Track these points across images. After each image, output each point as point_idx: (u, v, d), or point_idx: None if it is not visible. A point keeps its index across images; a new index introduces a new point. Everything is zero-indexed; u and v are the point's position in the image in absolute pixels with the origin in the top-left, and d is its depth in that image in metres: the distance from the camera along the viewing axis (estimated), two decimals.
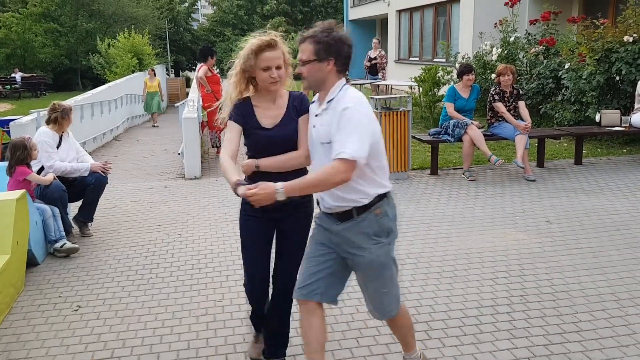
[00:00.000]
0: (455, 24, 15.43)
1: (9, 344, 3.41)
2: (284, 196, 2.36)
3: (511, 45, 10.96)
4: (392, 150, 7.03)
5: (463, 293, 3.92)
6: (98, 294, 4.09)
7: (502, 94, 7.20)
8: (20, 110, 17.59)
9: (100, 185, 5.45)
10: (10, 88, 27.01)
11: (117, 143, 11.65)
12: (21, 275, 4.25)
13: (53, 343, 3.40)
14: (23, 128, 7.43)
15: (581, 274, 4.18)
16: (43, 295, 4.10)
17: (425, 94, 11.43)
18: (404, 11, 19.18)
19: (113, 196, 6.75)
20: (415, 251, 4.73)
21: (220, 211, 6.01)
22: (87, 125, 10.63)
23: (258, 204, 2.39)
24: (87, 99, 11.53)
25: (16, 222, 4.15)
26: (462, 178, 7.13)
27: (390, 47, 20.13)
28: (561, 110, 9.17)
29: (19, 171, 4.80)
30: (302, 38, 2.52)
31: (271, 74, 2.64)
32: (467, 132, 6.98)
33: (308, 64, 2.48)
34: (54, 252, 4.84)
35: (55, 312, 3.82)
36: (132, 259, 4.74)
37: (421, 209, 5.91)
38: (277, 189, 2.35)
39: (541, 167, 7.59)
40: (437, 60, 15.06)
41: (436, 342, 3.28)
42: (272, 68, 2.64)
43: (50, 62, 32.06)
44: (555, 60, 9.62)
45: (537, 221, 5.41)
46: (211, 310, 3.75)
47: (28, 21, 31.40)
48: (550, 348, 3.17)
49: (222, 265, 4.53)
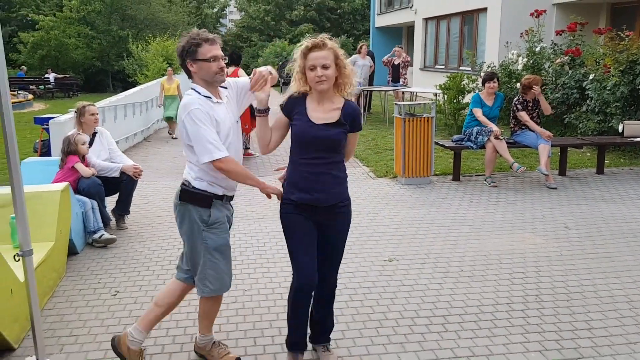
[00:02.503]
0: (482, 33, 15.54)
1: (53, 323, 3.68)
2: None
3: (537, 55, 11.06)
4: (415, 156, 7.21)
5: (480, 291, 4.09)
6: (134, 281, 4.36)
7: (526, 103, 7.34)
8: (54, 109, 18.15)
9: (132, 181, 5.74)
10: (43, 88, 27.79)
11: (147, 144, 12.00)
12: (63, 262, 4.54)
13: (94, 323, 3.67)
14: (61, 126, 7.77)
15: (596, 277, 4.32)
16: (83, 281, 4.39)
17: (450, 102, 11.57)
18: (430, 19, 19.33)
19: (146, 193, 7.06)
20: (434, 252, 4.91)
21: (247, 209, 6.25)
22: (120, 125, 11.01)
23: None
24: (120, 100, 11.92)
25: (60, 212, 4.45)
26: (483, 184, 7.27)
27: (416, 55, 20.29)
28: (585, 120, 9.25)
29: (70, 159, 5.24)
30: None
31: (316, 73, 2.76)
32: (490, 139, 7.13)
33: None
34: (93, 243, 5.14)
35: (95, 296, 4.10)
36: (165, 250, 5.01)
37: (442, 212, 6.08)
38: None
39: (563, 176, 7.69)
40: (463, 69, 15.17)
41: (452, 335, 3.46)
42: (317, 67, 2.75)
43: (82, 64, 32.94)
44: (580, 71, 9.70)
45: (555, 227, 5.54)
46: (240, 298, 3.99)
47: (63, 24, 32.34)
48: (562, 343, 3.33)
49: (250, 259, 4.77)
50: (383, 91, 13.96)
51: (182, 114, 2.81)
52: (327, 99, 2.88)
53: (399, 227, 5.60)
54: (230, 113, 2.97)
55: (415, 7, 20.42)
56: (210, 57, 2.83)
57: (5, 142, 2.98)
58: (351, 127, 2.90)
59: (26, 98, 22.43)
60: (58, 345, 3.39)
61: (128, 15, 33.58)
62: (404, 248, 5.01)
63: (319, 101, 2.88)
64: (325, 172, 2.87)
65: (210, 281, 2.98)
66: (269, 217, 5.94)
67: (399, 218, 5.88)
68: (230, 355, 3.14)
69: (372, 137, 10.92)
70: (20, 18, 36.00)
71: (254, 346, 3.35)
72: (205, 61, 2.83)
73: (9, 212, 3.95)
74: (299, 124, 2.86)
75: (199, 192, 2.91)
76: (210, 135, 2.77)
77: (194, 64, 2.86)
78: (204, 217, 2.91)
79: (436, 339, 3.40)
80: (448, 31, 18.00)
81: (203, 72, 2.86)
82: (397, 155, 7.43)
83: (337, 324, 3.58)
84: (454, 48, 17.57)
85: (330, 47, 2.80)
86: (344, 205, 3.01)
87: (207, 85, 2.89)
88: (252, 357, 3.23)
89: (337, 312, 3.73)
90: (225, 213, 3.02)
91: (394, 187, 7.20)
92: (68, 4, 32.87)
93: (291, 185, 2.93)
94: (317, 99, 2.88)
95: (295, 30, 35.47)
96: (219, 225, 2.95)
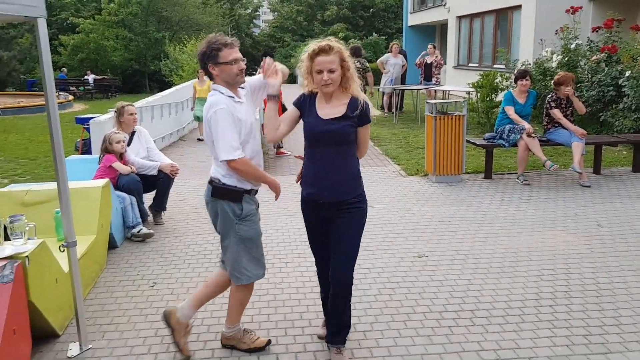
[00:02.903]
0: (516, 31, 15.37)
1: (95, 312, 3.87)
2: None
3: (572, 53, 10.90)
4: (446, 154, 7.23)
5: (508, 287, 4.12)
6: (171, 273, 4.53)
7: (559, 101, 7.27)
8: (93, 109, 18.69)
9: (169, 178, 5.93)
10: (83, 89, 28.58)
11: (182, 143, 12.28)
12: (104, 255, 4.75)
13: (133, 312, 3.85)
14: (101, 125, 8.04)
15: (627, 274, 4.30)
16: (123, 273, 4.58)
17: (483, 100, 11.51)
18: (464, 17, 19.19)
19: (182, 190, 7.27)
20: (464, 249, 4.94)
21: (279, 205, 6.36)
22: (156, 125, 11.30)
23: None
24: (157, 100, 12.22)
25: (101, 206, 4.66)
26: (515, 182, 7.24)
27: (450, 53, 20.16)
28: (621, 118, 9.09)
29: (106, 158, 5.46)
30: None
31: (323, 76, 2.88)
32: (522, 137, 7.10)
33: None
34: (131, 237, 5.35)
35: (134, 287, 4.28)
36: (200, 245, 5.18)
37: (472, 210, 6.10)
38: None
39: (597, 174, 7.60)
40: (497, 67, 15.03)
41: (479, 329, 3.51)
42: (323, 71, 2.88)
43: (120, 65, 33.74)
44: (616, 68, 9.54)
45: (588, 225, 5.51)
46: (272, 291, 4.12)
47: (102, 27, 33.20)
48: (589, 338, 3.35)
49: (282, 254, 4.90)
50: (415, 90, 13.95)
51: (208, 112, 2.98)
52: (334, 97, 2.99)
53: (428, 224, 5.65)
54: (250, 111, 3.15)
55: (448, 5, 20.29)
56: (231, 60, 3.01)
57: (51, 140, 3.16)
58: (360, 120, 2.97)
59: (67, 99, 23.12)
60: (99, 332, 3.57)
61: (164, 17, 34.23)
62: (434, 244, 5.06)
63: (327, 100, 3.00)
64: (335, 168, 2.95)
65: (247, 268, 3.14)
66: (300, 214, 6.03)
67: (429, 215, 5.93)
68: (261, 339, 3.29)
69: (403, 136, 10.94)
70: (61, 21, 37.08)
71: (285, 336, 3.46)
72: (226, 64, 3.01)
73: (53, 207, 4.17)
74: (309, 121, 2.99)
75: (230, 187, 3.06)
76: (232, 135, 2.95)
77: (216, 67, 3.02)
78: (236, 211, 3.07)
79: (463, 332, 3.46)
80: (482, 29, 17.84)
81: (225, 74, 3.02)
82: (428, 153, 7.46)
83: (365, 316, 3.68)
84: (488, 46, 17.41)
85: (337, 50, 2.90)
86: (356, 202, 3.02)
87: (228, 86, 3.06)
88: (282, 347, 3.34)
89: (365, 305, 3.84)
90: (254, 205, 3.18)
91: (425, 185, 7.24)
92: (107, 7, 33.72)
93: (304, 182, 3.11)
94: (325, 98, 3.01)
95: (327, 30, 35.55)
96: (250, 217, 3.11)
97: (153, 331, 3.57)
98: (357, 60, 11.44)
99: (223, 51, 2.99)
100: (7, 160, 10.15)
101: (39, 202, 4.52)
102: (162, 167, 5.86)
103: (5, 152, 11.06)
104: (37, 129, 14.70)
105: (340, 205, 2.98)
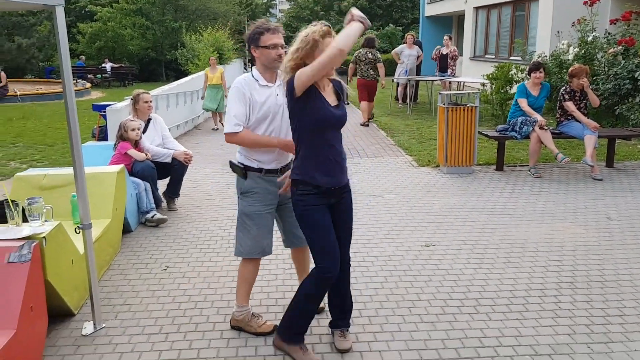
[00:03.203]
0: (534, 22, 15.24)
1: (109, 293, 3.99)
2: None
3: (589, 45, 10.81)
4: (458, 145, 7.26)
5: (514, 277, 4.17)
6: (183, 257, 4.64)
7: (573, 93, 7.25)
8: (110, 97, 18.90)
9: (183, 166, 6.04)
10: (100, 77, 28.85)
11: (197, 131, 12.40)
12: (118, 238, 4.87)
13: (146, 294, 3.96)
14: (118, 113, 8.18)
15: (634, 266, 4.32)
16: (137, 256, 4.70)
17: (497, 92, 11.47)
18: (481, 8, 19.04)
19: (195, 178, 7.38)
20: (472, 239, 4.99)
21: None
22: (171, 113, 11.42)
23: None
24: (172, 88, 12.34)
25: (116, 191, 4.77)
26: (527, 175, 7.25)
27: (466, 45, 20.04)
28: (637, 111, 9.02)
29: (121, 145, 5.59)
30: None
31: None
32: (535, 129, 7.09)
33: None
34: (145, 222, 5.47)
35: (147, 270, 4.40)
36: (213, 231, 5.29)
37: (482, 201, 6.13)
38: None
39: (610, 168, 7.58)
40: (514, 59, 14.94)
41: (483, 316, 3.57)
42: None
43: (137, 54, 33.96)
44: (633, 61, 9.46)
45: (597, 217, 5.52)
46: (280, 276, 4.22)
47: (119, 15, 33.43)
48: (592, 328, 3.39)
49: None
50: (430, 81, 13.92)
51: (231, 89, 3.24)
52: (324, 82, 2.93)
53: (437, 214, 5.70)
54: (275, 99, 3.20)
55: None
56: (270, 45, 3.16)
57: (68, 127, 3.26)
58: (341, 98, 3.01)
59: (84, 87, 23.37)
60: (113, 312, 3.69)
61: (180, 5, 34.36)
62: (441, 234, 5.11)
63: (325, 85, 2.93)
64: (339, 152, 2.98)
65: (240, 242, 3.34)
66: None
67: (439, 205, 5.98)
68: (268, 323, 3.38)
69: (416, 127, 10.96)
70: (79, 9, 37.39)
71: None
72: (265, 48, 3.17)
73: (70, 191, 4.29)
74: (320, 107, 2.84)
75: (237, 164, 3.30)
76: (237, 110, 3.15)
77: (256, 50, 3.20)
78: (240, 185, 3.31)
79: (467, 320, 3.52)
80: (499, 20, 17.71)
81: (263, 57, 3.19)
82: (440, 144, 7.49)
83: (371, 302, 3.76)
84: (505, 38, 17.28)
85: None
86: (348, 182, 3.12)
87: (265, 69, 3.22)
88: None
89: (371, 292, 3.92)
90: (264, 186, 3.25)
91: (436, 176, 7.28)
92: None
93: (312, 171, 2.90)
94: (322, 83, 2.91)
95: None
96: (251, 195, 3.27)
97: (165, 312, 3.67)
98: (369, 51, 11.45)
99: (265, 35, 3.15)
100: (26, 146, 10.35)
101: (56, 186, 4.65)
102: (176, 155, 5.96)
103: (24, 138, 11.27)
104: (55, 115, 14.93)
105: (345, 187, 3.06)
